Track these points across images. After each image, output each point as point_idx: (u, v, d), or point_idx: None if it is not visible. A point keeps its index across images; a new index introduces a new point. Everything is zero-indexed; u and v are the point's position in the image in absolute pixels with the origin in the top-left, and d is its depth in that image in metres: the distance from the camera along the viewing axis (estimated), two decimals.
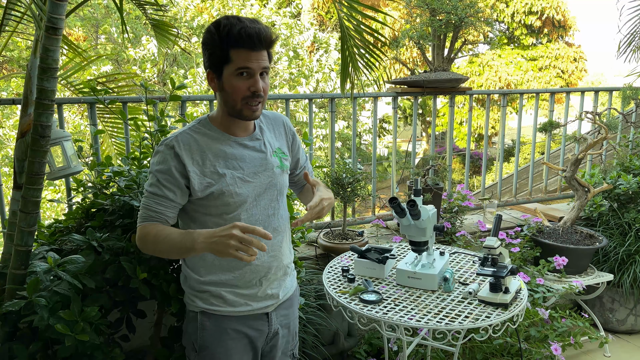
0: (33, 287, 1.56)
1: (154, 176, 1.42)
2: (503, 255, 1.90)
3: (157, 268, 1.79)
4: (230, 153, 1.45)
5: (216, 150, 1.44)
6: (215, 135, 1.46)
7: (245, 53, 1.35)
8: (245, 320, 1.50)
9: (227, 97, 1.41)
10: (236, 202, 1.44)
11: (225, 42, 1.34)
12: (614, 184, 3.23)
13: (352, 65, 2.35)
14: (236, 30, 1.33)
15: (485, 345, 2.54)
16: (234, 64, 1.36)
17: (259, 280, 1.50)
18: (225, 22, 1.35)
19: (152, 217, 1.41)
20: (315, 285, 2.46)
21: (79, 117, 7.44)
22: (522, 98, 3.67)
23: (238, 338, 1.49)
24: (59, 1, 1.54)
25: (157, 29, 2.62)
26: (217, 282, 1.47)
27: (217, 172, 1.42)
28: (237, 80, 1.37)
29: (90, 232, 1.77)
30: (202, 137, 1.44)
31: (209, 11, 8.96)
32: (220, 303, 1.48)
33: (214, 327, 1.48)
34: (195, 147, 1.42)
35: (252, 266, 1.48)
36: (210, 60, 1.39)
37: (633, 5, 3.92)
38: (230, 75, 1.37)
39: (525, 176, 5.35)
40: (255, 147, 1.50)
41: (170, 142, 1.42)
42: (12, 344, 1.63)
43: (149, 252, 1.44)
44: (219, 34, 1.34)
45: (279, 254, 1.54)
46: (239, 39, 1.33)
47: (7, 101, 2.47)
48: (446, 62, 3.45)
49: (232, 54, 1.35)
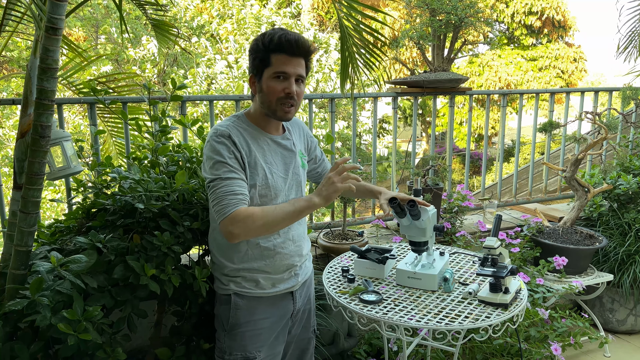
0: (36, 287, 1.56)
1: (223, 164, 1.49)
2: (503, 255, 1.90)
3: (164, 264, 1.80)
4: (267, 149, 1.60)
5: (257, 145, 1.58)
6: (253, 131, 1.59)
7: (284, 58, 1.51)
8: (274, 300, 1.67)
9: (264, 98, 1.55)
10: (272, 194, 1.59)
11: (268, 48, 1.50)
12: (614, 184, 3.23)
13: (352, 65, 2.35)
14: (277, 36, 1.49)
15: (485, 346, 2.54)
16: (273, 67, 1.51)
17: (286, 267, 1.67)
18: (270, 31, 1.52)
19: (242, 200, 1.47)
20: (315, 285, 2.46)
21: (79, 117, 7.44)
22: (522, 98, 3.67)
23: (267, 317, 1.64)
24: (59, 1, 1.55)
25: (158, 29, 2.62)
26: (250, 269, 1.61)
27: (260, 164, 1.56)
28: (274, 82, 1.52)
29: (93, 233, 1.77)
30: (244, 131, 1.58)
31: (209, 11, 8.96)
32: (252, 286, 1.63)
33: (246, 307, 1.63)
34: (242, 138, 1.55)
35: (282, 255, 1.64)
36: (253, 64, 1.55)
37: (632, 5, 3.92)
38: (268, 77, 1.52)
39: (525, 176, 5.36)
40: (287, 146, 1.66)
41: (225, 131, 1.52)
42: (13, 344, 1.63)
43: (250, 233, 1.48)
44: (263, 40, 1.51)
45: (301, 243, 1.72)
46: (279, 44, 1.49)
47: (7, 101, 2.47)
48: (446, 62, 3.46)
49: (273, 58, 1.51)
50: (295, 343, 1.81)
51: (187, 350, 1.88)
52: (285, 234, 1.65)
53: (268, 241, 1.62)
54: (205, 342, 1.90)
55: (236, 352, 1.64)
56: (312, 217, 3.13)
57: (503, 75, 13.08)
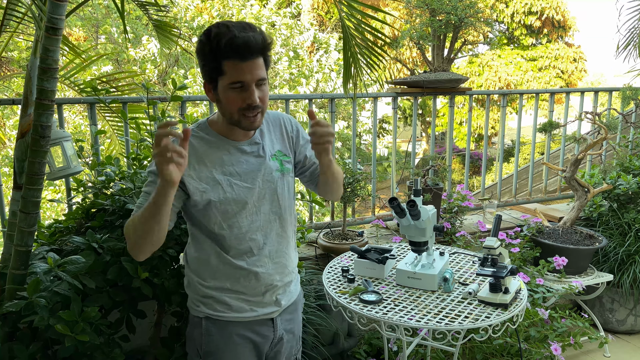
0: (33, 288, 1.56)
1: (150, 177, 1.40)
2: (503, 255, 1.90)
3: (159, 267, 1.79)
4: (228, 159, 1.43)
5: (213, 156, 1.41)
6: (213, 140, 1.43)
7: (238, 65, 1.29)
8: (250, 325, 1.49)
9: (224, 109, 1.37)
10: (234, 208, 1.42)
11: (217, 54, 1.28)
12: (614, 184, 3.23)
13: (355, 65, 2.35)
14: (225, 41, 1.26)
15: (485, 346, 2.54)
16: (227, 76, 1.30)
17: (264, 287, 1.48)
18: (215, 31, 1.28)
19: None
20: (315, 285, 2.46)
21: (80, 117, 7.43)
22: (521, 98, 3.67)
23: (243, 343, 1.48)
24: (59, 1, 1.55)
25: (159, 30, 2.62)
26: (221, 288, 1.45)
27: (214, 177, 1.40)
28: (232, 93, 1.32)
29: (90, 233, 1.77)
30: (200, 142, 1.41)
31: (209, 11, 8.96)
32: (225, 309, 1.46)
33: (219, 333, 1.46)
34: (192, 152, 1.38)
35: (258, 275, 1.46)
36: (203, 70, 1.35)
37: (632, 5, 3.92)
38: (224, 87, 1.32)
39: (525, 176, 5.36)
40: (253, 152, 1.46)
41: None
42: (12, 344, 1.63)
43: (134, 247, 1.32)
44: (210, 45, 1.28)
45: (283, 260, 1.52)
46: (229, 50, 1.27)
47: (7, 101, 2.47)
48: (446, 62, 3.45)
49: (225, 66, 1.29)
50: None
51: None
52: (260, 251, 1.46)
53: (241, 260, 1.45)
54: None
55: None
56: (312, 217, 3.13)
57: (503, 75, 13.08)
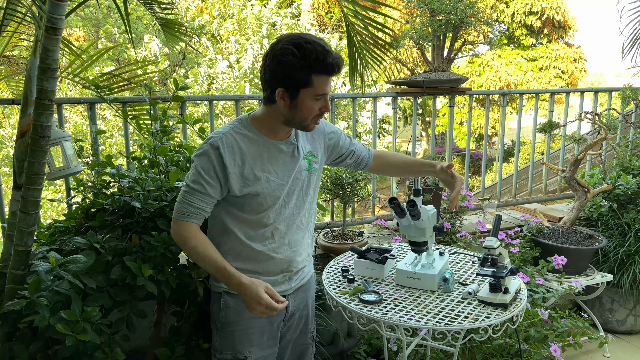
0: (35, 287, 1.56)
1: (197, 173, 1.50)
2: (503, 255, 1.90)
3: (162, 264, 1.79)
4: (267, 157, 1.55)
5: (254, 153, 1.53)
6: (254, 137, 1.54)
7: (326, 79, 1.45)
8: None
9: (297, 115, 1.49)
10: (269, 203, 1.56)
11: (311, 68, 1.41)
12: (614, 184, 3.23)
13: (361, 61, 2.37)
14: (322, 58, 1.41)
15: (484, 346, 2.54)
16: (314, 89, 1.45)
17: (280, 270, 1.64)
18: (309, 47, 1.41)
19: (192, 213, 1.51)
20: (315, 285, 2.46)
21: (80, 118, 7.43)
22: (521, 98, 3.67)
23: (256, 318, 1.59)
24: (59, 1, 1.55)
25: (165, 28, 2.62)
26: (242, 269, 1.54)
27: (255, 174, 1.52)
28: (313, 103, 1.47)
29: (91, 234, 1.77)
30: (243, 138, 1.53)
31: (210, 11, 8.96)
32: None
33: (236, 305, 1.60)
34: (237, 149, 1.51)
35: (276, 259, 1.62)
36: (284, 79, 1.44)
37: (633, 6, 3.92)
38: (308, 97, 1.46)
39: (525, 176, 5.35)
40: (289, 152, 1.59)
41: (215, 142, 1.49)
42: (12, 344, 1.63)
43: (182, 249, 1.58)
44: (305, 60, 1.40)
45: (299, 248, 1.68)
46: (325, 67, 1.42)
47: (7, 101, 2.47)
48: (446, 62, 3.45)
49: (315, 79, 1.43)
50: (292, 348, 1.78)
51: (186, 350, 1.87)
52: (281, 239, 1.62)
53: (262, 245, 1.60)
54: (205, 342, 1.90)
55: (227, 351, 1.63)
56: None
57: (503, 75, 13.08)
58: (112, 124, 7.09)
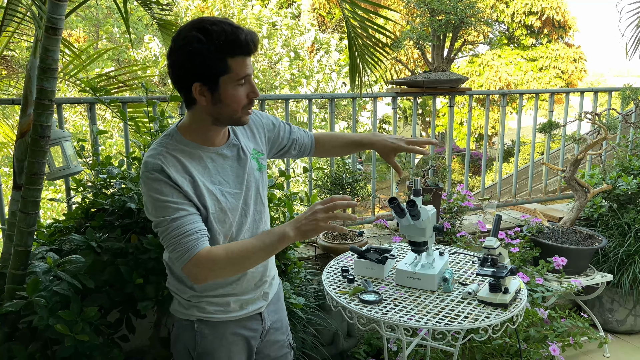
0: (33, 287, 1.56)
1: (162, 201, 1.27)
2: (502, 255, 1.90)
3: (155, 269, 1.79)
4: (213, 168, 1.37)
5: (199, 167, 1.34)
6: (192, 150, 1.34)
7: (243, 60, 1.26)
8: (241, 322, 1.49)
9: (224, 109, 1.30)
10: (229, 216, 1.38)
11: (223, 52, 1.23)
12: (614, 184, 3.23)
13: (362, 61, 2.37)
14: (233, 38, 1.22)
15: (484, 346, 2.54)
16: (234, 74, 1.25)
17: (254, 284, 1.49)
18: (215, 28, 1.22)
19: (199, 238, 1.28)
20: (315, 285, 2.46)
21: (80, 117, 7.44)
22: (521, 98, 3.67)
23: (236, 341, 1.48)
24: (59, 1, 1.55)
25: (163, 29, 2.62)
26: (215, 295, 1.43)
27: (207, 189, 1.34)
28: (238, 90, 1.28)
29: (90, 232, 1.77)
30: (181, 154, 1.32)
31: (210, 11, 8.96)
32: (217, 310, 1.44)
33: (213, 334, 1.45)
34: (180, 166, 1.31)
35: (249, 274, 1.46)
36: (199, 72, 1.25)
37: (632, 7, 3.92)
38: (231, 85, 1.27)
39: (524, 176, 5.35)
40: (234, 156, 1.42)
41: (155, 165, 1.28)
42: (11, 344, 1.63)
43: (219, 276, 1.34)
44: (215, 44, 1.21)
45: (268, 261, 1.54)
46: (240, 46, 1.24)
47: (7, 101, 2.47)
48: (446, 62, 3.46)
49: (231, 63, 1.24)
50: None
51: None
52: None
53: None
54: None
55: None
56: None
57: (503, 75, 13.09)
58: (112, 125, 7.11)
